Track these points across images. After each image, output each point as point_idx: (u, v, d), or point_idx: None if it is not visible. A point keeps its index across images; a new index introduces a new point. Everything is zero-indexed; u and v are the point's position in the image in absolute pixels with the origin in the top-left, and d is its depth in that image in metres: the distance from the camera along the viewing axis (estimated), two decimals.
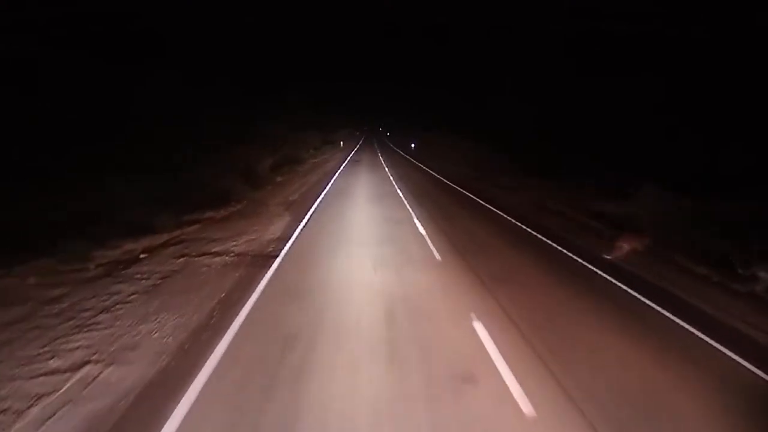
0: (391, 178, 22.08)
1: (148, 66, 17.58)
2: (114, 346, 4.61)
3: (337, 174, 23.14)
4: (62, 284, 6.41)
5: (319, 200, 14.62)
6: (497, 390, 3.91)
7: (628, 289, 6.81)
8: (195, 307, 5.67)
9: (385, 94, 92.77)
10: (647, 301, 6.34)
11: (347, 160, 32.19)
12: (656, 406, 3.80)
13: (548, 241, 9.83)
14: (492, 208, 14.11)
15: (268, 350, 4.53)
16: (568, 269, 7.92)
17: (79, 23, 13.82)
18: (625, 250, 8.89)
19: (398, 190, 17.34)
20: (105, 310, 5.51)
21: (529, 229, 10.96)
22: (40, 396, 3.75)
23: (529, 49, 25.30)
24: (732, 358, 4.79)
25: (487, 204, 14.83)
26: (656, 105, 15.74)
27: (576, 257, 8.56)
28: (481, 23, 25.95)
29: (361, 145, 55.58)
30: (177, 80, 18.16)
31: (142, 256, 7.97)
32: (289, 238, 9.37)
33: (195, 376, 4.03)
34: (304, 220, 11.26)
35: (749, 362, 4.65)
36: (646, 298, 6.46)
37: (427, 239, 9.45)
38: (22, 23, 12.55)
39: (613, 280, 7.25)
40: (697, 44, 14.52)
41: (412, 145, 47.64)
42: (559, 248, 9.24)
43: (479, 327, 5.12)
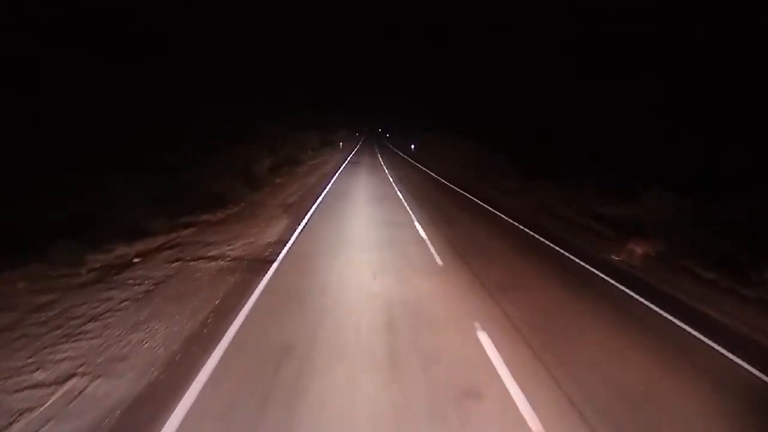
0: (391, 179, 21.87)
1: (148, 66, 17.50)
2: (102, 357, 4.42)
3: (336, 175, 22.93)
4: (52, 290, 6.22)
5: (317, 202, 14.42)
6: (503, 407, 3.72)
7: (650, 304, 6.24)
8: (188, 314, 5.48)
9: (385, 94, 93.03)
10: (671, 318, 5.79)
11: (346, 162, 31.98)
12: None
13: (550, 244, 9.67)
14: (492, 209, 13.93)
15: (262, 362, 4.34)
16: (571, 272, 7.75)
17: (79, 23, 13.74)
18: (636, 253, 8.67)
19: (398, 192, 17.13)
20: (95, 318, 5.32)
21: (531, 232, 10.79)
22: (23, 412, 3.57)
23: (529, 49, 25.21)
24: None
25: (487, 205, 14.65)
26: (656, 105, 15.63)
27: (581, 261, 8.37)
28: (481, 23, 25.89)
29: (360, 146, 55.35)
30: (177, 80, 18.05)
31: (135, 260, 7.78)
32: (287, 242, 9.19)
33: (186, 390, 3.84)
34: (302, 223, 11.06)
35: None
36: (668, 313, 5.90)
37: (428, 243, 9.27)
38: (22, 23, 12.46)
39: (615, 283, 7.11)
40: (697, 44, 14.43)
41: (412, 146, 47.11)
42: (561, 251, 9.08)
43: (483, 337, 4.92)
